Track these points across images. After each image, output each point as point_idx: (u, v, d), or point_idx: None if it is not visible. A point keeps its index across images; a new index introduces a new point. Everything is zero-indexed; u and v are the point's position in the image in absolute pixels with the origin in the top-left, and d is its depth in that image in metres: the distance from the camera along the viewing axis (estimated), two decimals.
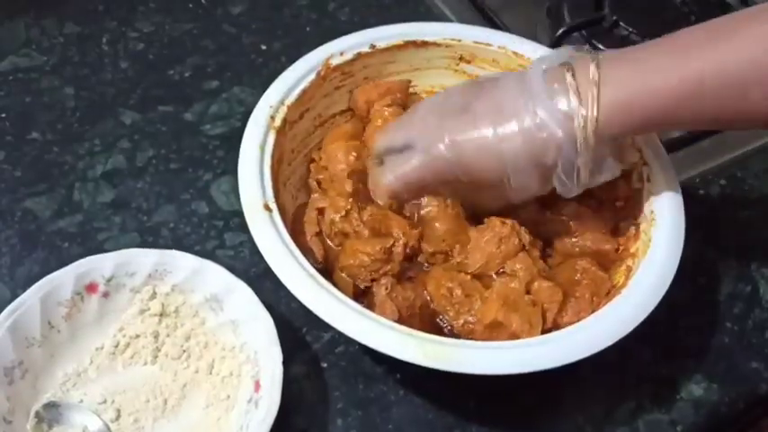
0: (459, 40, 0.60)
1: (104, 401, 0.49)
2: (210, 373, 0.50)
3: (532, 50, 0.59)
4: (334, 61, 0.57)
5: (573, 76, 0.46)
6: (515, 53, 0.59)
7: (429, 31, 0.60)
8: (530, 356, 0.44)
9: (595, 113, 0.44)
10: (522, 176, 0.48)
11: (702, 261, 0.60)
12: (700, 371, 0.54)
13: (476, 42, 0.60)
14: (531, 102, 0.46)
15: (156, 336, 0.51)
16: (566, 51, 0.49)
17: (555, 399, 0.52)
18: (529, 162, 0.47)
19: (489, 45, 0.60)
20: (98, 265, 0.51)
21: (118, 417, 0.49)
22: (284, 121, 0.54)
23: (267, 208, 0.49)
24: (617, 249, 0.53)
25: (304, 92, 0.56)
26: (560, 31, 0.70)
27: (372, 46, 0.59)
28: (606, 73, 0.45)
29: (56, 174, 0.62)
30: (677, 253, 0.49)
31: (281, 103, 0.54)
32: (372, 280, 0.50)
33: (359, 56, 0.58)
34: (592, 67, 0.45)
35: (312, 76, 0.56)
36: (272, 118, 0.54)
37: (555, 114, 0.46)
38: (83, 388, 0.50)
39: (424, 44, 0.60)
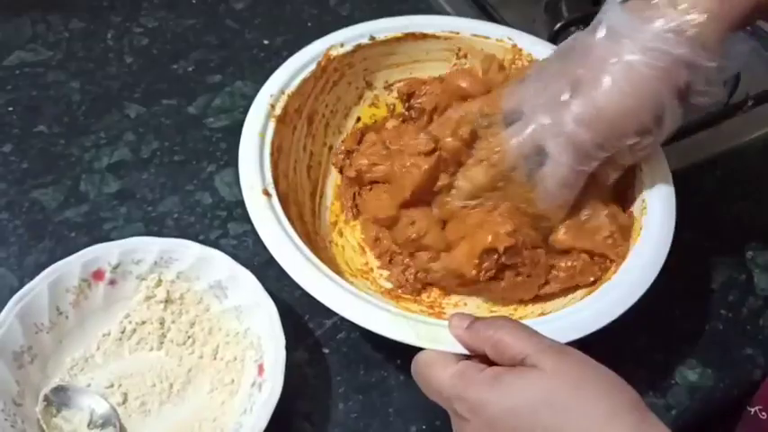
0: (458, 33, 0.61)
1: (111, 386, 0.50)
2: (215, 358, 0.51)
3: (530, 43, 0.60)
4: (334, 52, 0.58)
5: None
6: (513, 46, 0.60)
7: (428, 23, 0.62)
8: None
9: (703, 15, 0.44)
10: (669, 112, 0.46)
11: (698, 250, 0.61)
12: (695, 357, 0.55)
13: (474, 35, 0.61)
14: (635, 41, 0.45)
15: (162, 322, 0.52)
16: None
17: None
18: (669, 94, 0.45)
19: (487, 38, 0.61)
20: (105, 253, 0.52)
21: (125, 400, 0.50)
22: (284, 110, 0.55)
23: (266, 193, 0.50)
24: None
25: (304, 82, 0.57)
26: (558, 25, 0.71)
27: (372, 38, 0.60)
28: None
29: (62, 165, 0.63)
30: (668, 238, 0.50)
31: (282, 92, 0.56)
32: None
33: (359, 47, 0.59)
34: None
35: (312, 67, 0.57)
36: (273, 107, 0.55)
37: (666, 36, 0.44)
38: (90, 373, 0.51)
39: (424, 36, 0.61)
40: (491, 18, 0.73)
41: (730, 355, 0.56)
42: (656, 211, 0.51)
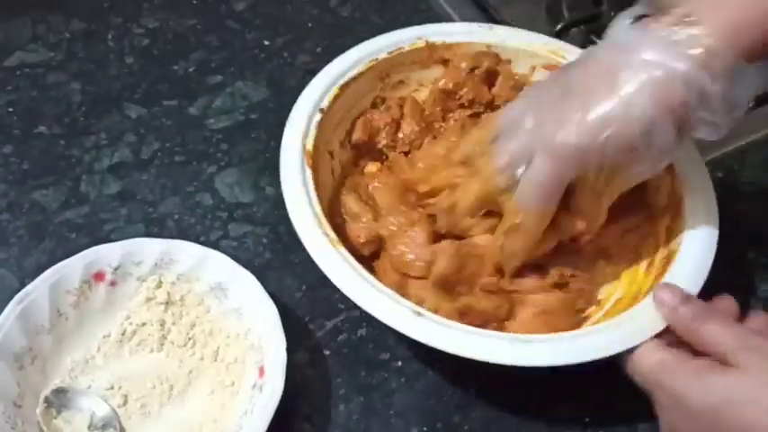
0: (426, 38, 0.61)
1: (112, 387, 0.50)
2: (216, 360, 0.51)
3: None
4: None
5: (663, 15, 0.43)
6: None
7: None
8: (564, 349, 0.45)
9: (711, 36, 0.41)
10: (658, 130, 0.43)
11: None
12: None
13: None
14: (634, 52, 0.43)
15: (162, 324, 0.52)
16: (634, 9, 0.45)
17: (556, 387, 0.53)
18: (658, 109, 0.43)
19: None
20: (105, 255, 0.52)
21: (125, 402, 0.50)
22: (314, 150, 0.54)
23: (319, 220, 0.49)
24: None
25: (319, 126, 0.55)
26: (559, 26, 0.71)
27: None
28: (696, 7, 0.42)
29: (63, 166, 0.63)
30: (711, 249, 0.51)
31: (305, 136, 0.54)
32: None
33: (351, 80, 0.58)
34: (678, 9, 0.43)
35: (318, 116, 0.55)
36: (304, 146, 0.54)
37: (667, 49, 0.42)
38: (90, 374, 0.51)
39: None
40: (492, 19, 0.73)
41: None
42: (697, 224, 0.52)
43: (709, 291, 0.59)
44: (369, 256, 0.54)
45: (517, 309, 0.52)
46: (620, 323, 0.47)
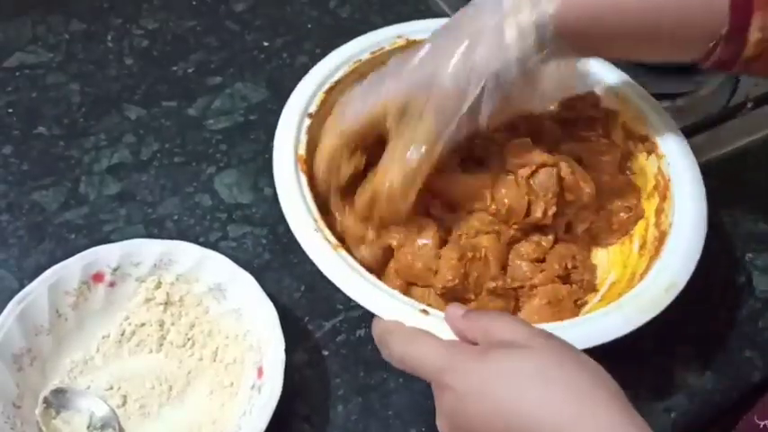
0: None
1: (111, 388, 0.50)
2: (215, 361, 0.51)
3: None
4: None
5: None
6: None
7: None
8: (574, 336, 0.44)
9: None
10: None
11: None
12: (694, 359, 0.55)
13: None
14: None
15: (162, 324, 0.52)
16: None
17: None
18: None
19: None
20: (104, 255, 0.52)
21: (124, 403, 0.50)
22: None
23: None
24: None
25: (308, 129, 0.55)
26: None
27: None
28: None
29: (62, 167, 0.63)
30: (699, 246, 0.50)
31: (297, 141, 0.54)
32: None
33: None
34: None
35: (307, 121, 0.55)
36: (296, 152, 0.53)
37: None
38: (90, 375, 0.51)
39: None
40: None
41: (729, 358, 0.56)
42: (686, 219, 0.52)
43: (709, 291, 0.59)
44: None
45: (522, 301, 0.53)
46: (621, 305, 0.47)
